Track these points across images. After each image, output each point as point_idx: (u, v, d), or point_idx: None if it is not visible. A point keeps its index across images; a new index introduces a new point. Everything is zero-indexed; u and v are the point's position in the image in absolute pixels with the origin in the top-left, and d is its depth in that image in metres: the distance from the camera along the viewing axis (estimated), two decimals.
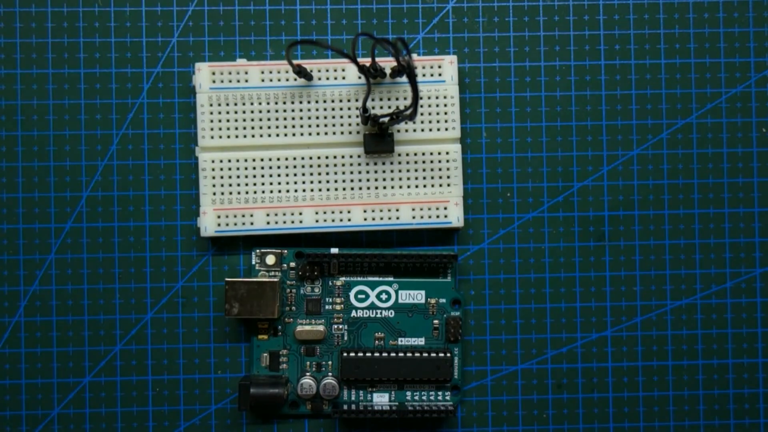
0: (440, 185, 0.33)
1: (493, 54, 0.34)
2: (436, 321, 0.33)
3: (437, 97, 0.33)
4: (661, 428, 0.34)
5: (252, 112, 0.32)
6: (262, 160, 0.32)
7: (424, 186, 0.33)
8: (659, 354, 0.34)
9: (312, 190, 0.32)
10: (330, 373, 0.33)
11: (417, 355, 0.32)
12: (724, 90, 0.35)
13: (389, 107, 0.32)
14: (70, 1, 0.34)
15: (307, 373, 0.33)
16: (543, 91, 0.34)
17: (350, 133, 0.32)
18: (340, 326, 0.33)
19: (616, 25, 0.34)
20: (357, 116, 0.32)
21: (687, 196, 0.34)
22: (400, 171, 0.33)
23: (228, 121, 0.32)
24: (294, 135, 0.32)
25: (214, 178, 0.32)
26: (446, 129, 0.33)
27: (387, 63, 0.32)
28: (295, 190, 0.32)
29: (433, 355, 0.32)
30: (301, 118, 0.32)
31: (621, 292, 0.34)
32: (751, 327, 0.34)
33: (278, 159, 0.32)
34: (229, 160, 0.32)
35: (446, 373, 0.32)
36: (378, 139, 0.32)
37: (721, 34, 0.35)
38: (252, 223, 0.32)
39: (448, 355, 0.32)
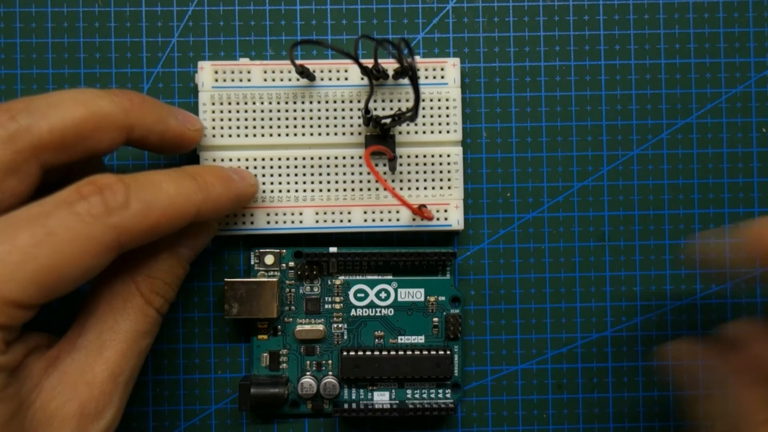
0: (441, 188, 0.34)
1: (493, 54, 0.36)
2: (435, 319, 0.34)
3: (439, 100, 0.34)
4: (661, 428, 0.35)
5: (254, 111, 0.33)
6: (263, 159, 0.34)
7: (425, 188, 0.34)
8: None
9: (313, 191, 0.34)
10: (330, 372, 0.34)
11: (417, 353, 0.34)
12: (724, 90, 0.36)
13: (391, 109, 0.34)
14: (70, 1, 0.35)
15: (307, 373, 0.34)
16: (543, 91, 0.36)
17: (352, 134, 0.34)
18: (340, 325, 0.34)
19: (616, 25, 0.36)
20: (359, 117, 0.34)
21: (687, 196, 0.36)
22: (400, 173, 0.34)
23: (230, 120, 0.33)
24: (296, 135, 0.34)
25: None
26: (448, 132, 0.34)
27: (389, 65, 0.33)
28: (296, 191, 0.34)
29: (433, 352, 0.34)
30: (303, 119, 0.34)
31: (621, 292, 0.35)
32: None
33: (279, 159, 0.34)
34: (230, 160, 0.33)
35: (446, 371, 0.33)
36: (379, 140, 0.33)
37: (721, 34, 0.36)
38: (252, 223, 0.34)
39: (448, 352, 0.34)
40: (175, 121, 0.30)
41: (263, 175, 0.34)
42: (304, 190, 0.34)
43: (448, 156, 0.34)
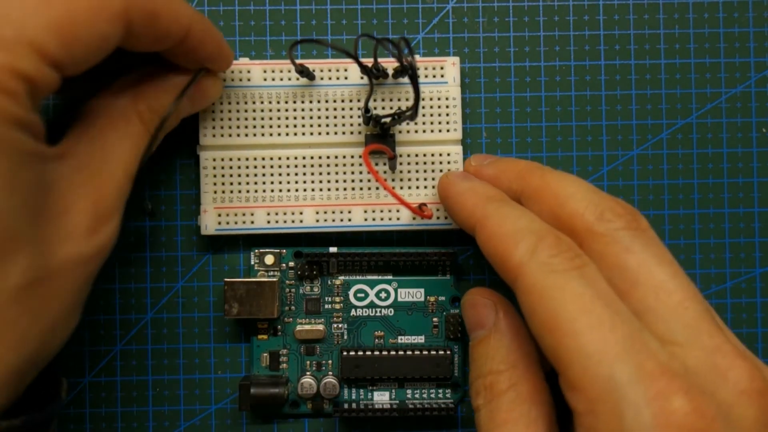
0: None
1: (493, 54, 0.36)
2: (435, 319, 0.35)
3: (439, 99, 0.34)
4: None
5: (254, 111, 0.34)
6: (263, 159, 0.34)
7: (425, 187, 0.34)
8: None
9: (313, 190, 0.34)
10: (330, 372, 0.34)
11: (417, 353, 0.34)
12: (724, 90, 0.36)
13: (391, 108, 0.34)
14: None
15: (307, 373, 0.34)
16: (543, 91, 0.36)
17: (351, 133, 0.34)
18: (340, 325, 0.35)
19: (616, 25, 0.36)
20: (359, 116, 0.34)
21: (687, 196, 0.36)
22: (401, 172, 0.34)
23: (230, 119, 0.34)
24: (296, 134, 0.34)
25: (215, 176, 0.34)
26: (448, 131, 0.34)
27: (389, 63, 0.33)
28: (296, 190, 0.34)
29: (433, 353, 0.34)
30: (303, 118, 0.34)
31: None
32: (751, 327, 0.36)
33: (279, 158, 0.34)
34: (231, 159, 0.34)
35: (446, 371, 0.34)
36: (379, 139, 0.34)
37: (721, 34, 0.36)
38: (252, 222, 0.34)
39: (448, 352, 0.34)
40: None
41: (263, 175, 0.34)
42: (304, 190, 0.34)
43: (448, 155, 0.34)
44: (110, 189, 0.27)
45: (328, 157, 0.34)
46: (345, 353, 0.34)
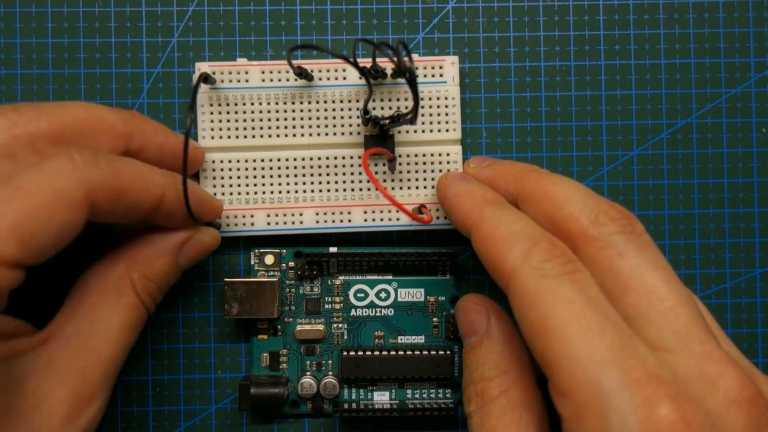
0: None
1: (493, 54, 0.36)
2: (435, 319, 0.34)
3: (438, 98, 0.34)
4: None
5: (252, 112, 0.33)
6: (262, 160, 0.34)
7: (425, 187, 0.34)
8: None
9: (312, 191, 0.34)
10: (330, 372, 0.34)
11: (417, 353, 0.34)
12: (724, 90, 0.36)
13: (390, 108, 0.34)
14: (70, 1, 0.35)
15: (308, 373, 0.34)
16: (543, 91, 0.36)
17: (351, 134, 0.34)
18: (340, 325, 0.34)
19: (616, 25, 0.36)
20: (358, 117, 0.34)
21: (687, 196, 0.36)
22: (400, 172, 0.34)
23: (228, 121, 0.33)
24: (294, 136, 0.34)
25: (214, 178, 0.34)
26: (447, 130, 0.34)
27: (388, 64, 0.33)
28: (296, 191, 0.34)
29: (433, 353, 0.34)
30: (302, 119, 0.34)
31: None
32: (751, 327, 0.36)
33: (279, 159, 0.34)
34: (230, 161, 0.33)
35: (446, 371, 0.33)
36: (379, 140, 0.33)
37: (721, 34, 0.36)
38: (252, 224, 0.34)
39: (448, 352, 0.34)
40: (175, 137, 0.31)
41: (263, 176, 0.34)
42: (304, 191, 0.34)
43: (448, 155, 0.34)
44: (95, 370, 0.27)
45: (327, 158, 0.34)
46: (345, 353, 0.34)
